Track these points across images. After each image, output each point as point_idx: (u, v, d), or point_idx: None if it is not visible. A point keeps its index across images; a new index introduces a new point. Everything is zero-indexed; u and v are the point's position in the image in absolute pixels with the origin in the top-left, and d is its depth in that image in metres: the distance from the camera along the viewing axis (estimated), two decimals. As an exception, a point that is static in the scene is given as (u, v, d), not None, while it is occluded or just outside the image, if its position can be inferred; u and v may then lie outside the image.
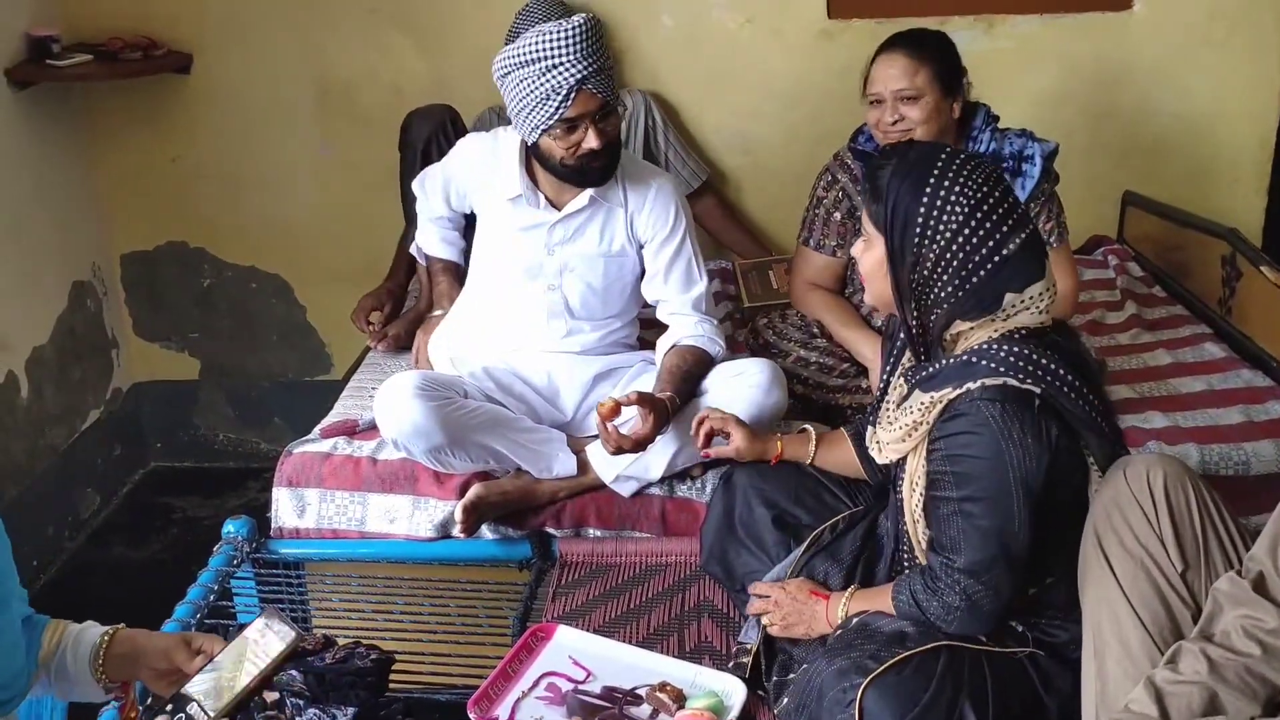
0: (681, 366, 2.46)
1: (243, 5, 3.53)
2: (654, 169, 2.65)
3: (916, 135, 2.49)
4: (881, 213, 1.75)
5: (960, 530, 1.73)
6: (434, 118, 3.03)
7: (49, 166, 3.48)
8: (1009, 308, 1.72)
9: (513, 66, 2.33)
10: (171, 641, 1.50)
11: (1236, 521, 1.73)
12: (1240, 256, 2.95)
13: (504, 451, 2.41)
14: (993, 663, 1.76)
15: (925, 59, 2.51)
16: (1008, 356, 1.70)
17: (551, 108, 2.30)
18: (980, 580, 1.73)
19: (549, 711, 1.88)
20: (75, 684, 1.52)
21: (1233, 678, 1.52)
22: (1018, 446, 1.67)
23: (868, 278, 1.84)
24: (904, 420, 1.80)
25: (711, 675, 1.95)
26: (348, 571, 2.42)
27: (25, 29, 3.33)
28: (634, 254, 2.55)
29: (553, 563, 2.37)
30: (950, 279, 1.72)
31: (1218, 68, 3.47)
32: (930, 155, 1.75)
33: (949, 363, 1.75)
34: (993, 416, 1.67)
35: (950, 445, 1.73)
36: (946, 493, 1.74)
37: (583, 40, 2.28)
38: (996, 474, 1.68)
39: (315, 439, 2.57)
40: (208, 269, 3.84)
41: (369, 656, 1.87)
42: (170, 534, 3.61)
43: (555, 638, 2.05)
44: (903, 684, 1.68)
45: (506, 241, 2.54)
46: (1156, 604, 1.67)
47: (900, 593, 1.83)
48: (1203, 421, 2.53)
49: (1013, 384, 1.68)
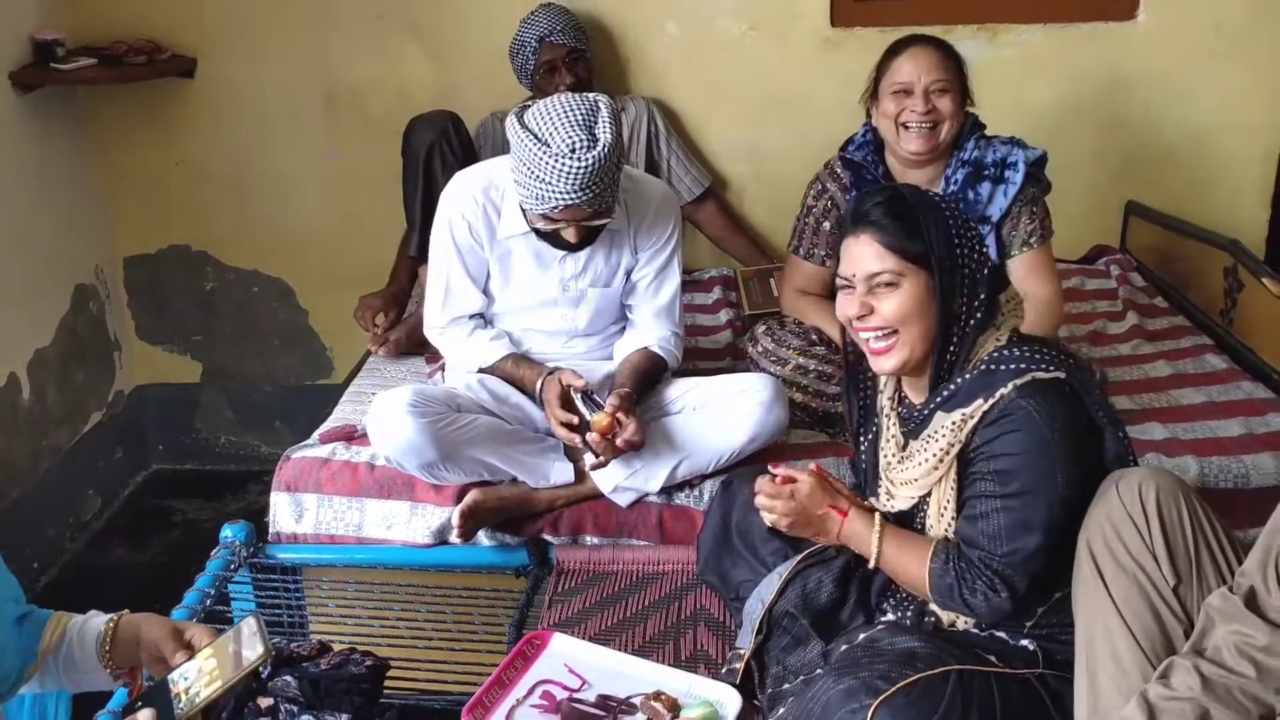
0: (644, 367, 2.50)
1: (247, 9, 3.54)
2: (652, 181, 2.65)
3: (942, 131, 2.53)
4: (924, 246, 1.75)
5: (1001, 525, 1.74)
6: (436, 125, 3.04)
7: (53, 169, 3.50)
8: (1004, 307, 1.79)
9: (515, 146, 2.26)
10: (163, 631, 1.51)
11: (1230, 535, 1.72)
12: (1242, 268, 2.95)
13: (499, 464, 2.41)
14: (1002, 684, 1.76)
15: (952, 56, 2.56)
16: (1025, 353, 1.75)
17: (538, 208, 2.28)
18: (1020, 569, 1.74)
19: None
20: (84, 673, 1.54)
21: (1225, 695, 1.51)
22: (1060, 433, 1.70)
23: (905, 319, 1.77)
24: (931, 450, 1.80)
25: (706, 684, 1.94)
26: (345, 577, 2.42)
27: (30, 32, 3.34)
28: (632, 266, 2.56)
29: (549, 570, 2.37)
30: (976, 294, 1.77)
31: (1222, 79, 3.47)
32: (910, 190, 1.85)
33: (966, 379, 1.77)
34: (1035, 410, 1.70)
35: (994, 448, 1.74)
36: (986, 489, 1.75)
37: (583, 176, 2.21)
38: (1041, 464, 1.71)
39: (314, 444, 2.58)
40: (210, 273, 3.85)
41: (364, 663, 1.88)
42: (171, 536, 3.62)
43: (551, 645, 2.04)
44: (913, 705, 1.68)
45: (518, 274, 2.52)
46: (1149, 618, 1.66)
47: (940, 560, 1.80)
48: (1202, 434, 2.53)
49: (1040, 376, 1.72)
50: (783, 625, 1.98)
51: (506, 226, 2.46)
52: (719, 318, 3.27)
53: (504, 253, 2.50)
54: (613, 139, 2.24)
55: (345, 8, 3.53)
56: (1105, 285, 3.35)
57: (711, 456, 2.43)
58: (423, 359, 3.02)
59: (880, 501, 1.93)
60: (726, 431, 2.42)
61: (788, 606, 1.98)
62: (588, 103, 2.27)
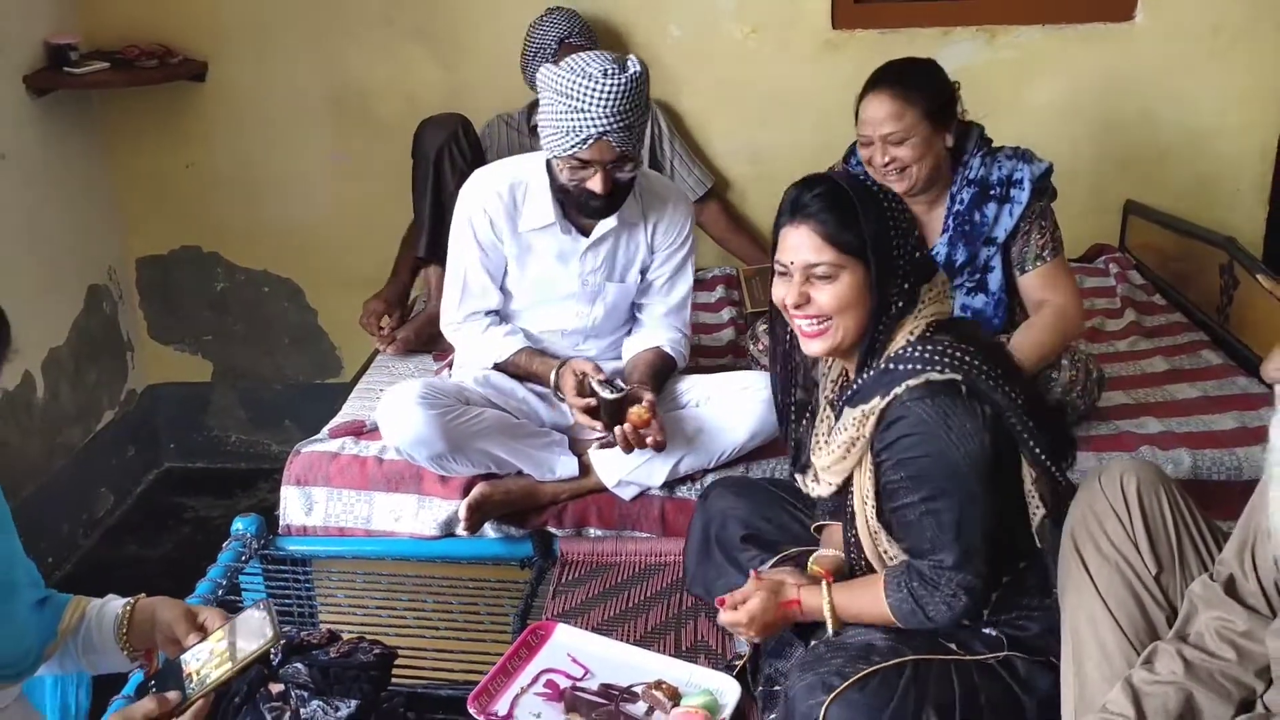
0: (658, 366, 2.56)
1: (258, 14, 3.59)
2: (668, 183, 2.70)
3: (911, 173, 2.50)
4: (859, 237, 1.77)
5: (934, 531, 1.76)
6: (446, 127, 3.08)
7: (66, 172, 3.55)
8: (924, 298, 1.80)
9: (549, 88, 2.32)
10: (177, 612, 1.56)
11: (1210, 524, 1.76)
12: (1237, 265, 2.98)
13: (505, 457, 2.46)
14: (961, 671, 1.78)
15: (912, 99, 2.47)
16: (923, 354, 1.74)
17: (570, 143, 2.32)
18: (970, 570, 1.76)
19: (547, 708, 1.92)
20: (103, 655, 1.59)
21: (1207, 678, 1.55)
22: (956, 433, 1.71)
23: (843, 308, 1.79)
24: (838, 440, 1.83)
25: (706, 674, 1.98)
26: (353, 568, 2.47)
27: (44, 37, 3.40)
28: (648, 264, 2.60)
29: (554, 561, 2.41)
30: (902, 282, 1.79)
31: (1219, 79, 3.50)
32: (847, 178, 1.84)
33: (869, 375, 1.79)
34: (925, 414, 1.71)
35: (894, 452, 1.75)
36: (907, 499, 1.77)
37: (617, 98, 2.26)
38: (947, 466, 1.72)
39: (323, 439, 2.63)
40: (221, 273, 3.91)
41: (372, 651, 1.91)
42: (182, 533, 3.67)
43: (554, 636, 2.08)
44: (865, 699, 1.70)
45: (537, 270, 2.56)
46: (1132, 606, 1.70)
47: (894, 590, 1.83)
48: (1196, 427, 2.56)
49: (935, 377, 1.72)
50: None
51: (529, 220, 2.50)
52: (721, 316, 3.32)
53: (525, 247, 2.53)
54: (642, 71, 2.31)
55: (354, 12, 3.58)
56: (1104, 283, 3.39)
57: (714, 452, 2.48)
58: (430, 356, 3.07)
59: (805, 484, 1.96)
60: (729, 428, 2.47)
61: None
62: (616, 54, 2.35)
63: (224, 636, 1.51)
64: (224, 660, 1.48)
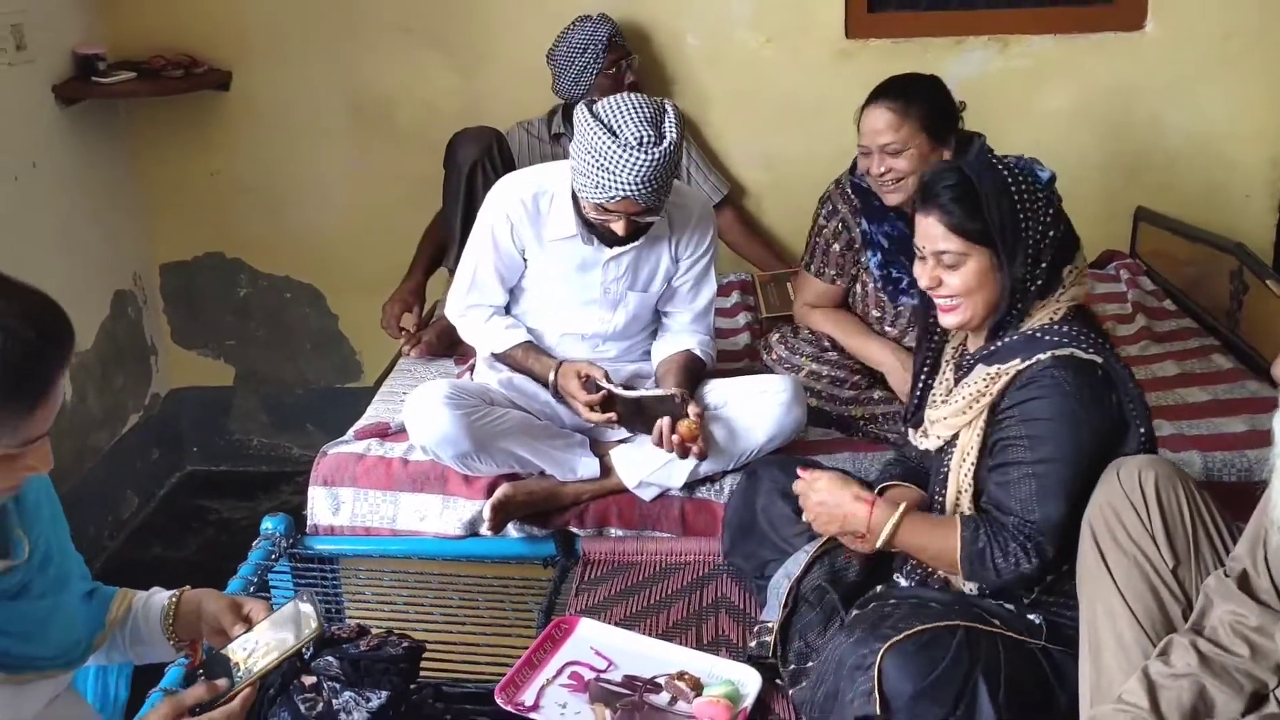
0: (691, 367, 2.60)
1: (281, 24, 3.66)
2: (691, 192, 2.73)
3: (907, 185, 2.54)
4: (984, 224, 1.85)
5: (1034, 491, 1.83)
6: (481, 141, 3.11)
7: (94, 179, 3.62)
8: (1066, 280, 1.90)
9: (584, 139, 2.32)
10: (222, 604, 1.61)
11: (1226, 520, 1.80)
12: (1247, 271, 3.02)
13: (528, 457, 2.51)
14: (1007, 646, 1.84)
15: (910, 112, 2.53)
16: (1070, 331, 1.86)
17: (597, 195, 2.35)
18: (1049, 535, 1.83)
19: (572, 699, 1.97)
20: (149, 645, 1.64)
21: (1221, 672, 1.58)
22: (1087, 409, 1.82)
23: (970, 291, 1.90)
24: (964, 394, 1.92)
25: (728, 665, 2.03)
26: (380, 566, 2.51)
27: (73, 47, 3.47)
28: (672, 273, 2.64)
29: (576, 560, 2.46)
30: (1036, 263, 1.88)
31: (1229, 87, 3.55)
32: (983, 160, 1.93)
33: (1013, 338, 1.89)
34: (1065, 379, 1.82)
35: (1024, 411, 1.85)
36: (1018, 457, 1.85)
37: (648, 171, 2.28)
38: (1070, 433, 1.82)
39: (349, 440, 2.68)
40: (244, 279, 3.97)
41: (401, 645, 1.95)
42: (206, 535, 3.72)
43: (578, 630, 2.13)
44: (921, 651, 1.77)
45: (559, 280, 2.60)
46: (1149, 599, 1.74)
47: (969, 529, 1.88)
48: (1207, 430, 2.60)
49: (1079, 354, 1.83)
50: (809, 600, 2.06)
51: (553, 230, 2.53)
52: (737, 321, 3.35)
53: (547, 254, 2.57)
54: (678, 138, 2.33)
55: (373, 22, 3.64)
56: (1115, 289, 3.43)
57: (734, 454, 2.51)
58: (452, 360, 3.11)
59: (914, 437, 2.05)
60: (748, 430, 2.51)
61: (817, 581, 2.07)
62: (655, 104, 2.35)
63: (269, 627, 1.56)
64: (270, 650, 1.53)
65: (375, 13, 3.62)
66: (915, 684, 1.75)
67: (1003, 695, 1.78)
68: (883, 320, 2.77)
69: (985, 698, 1.77)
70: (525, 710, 1.94)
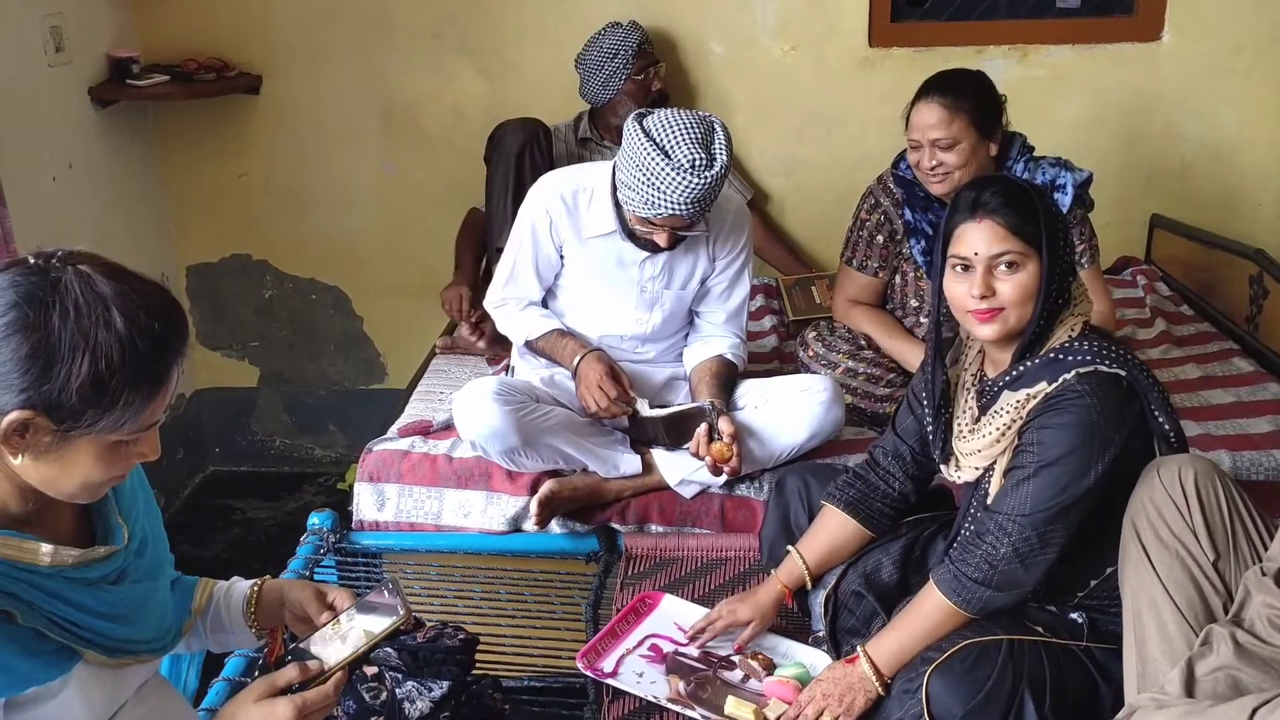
0: (725, 375, 2.65)
1: (311, 30, 3.70)
2: (728, 194, 2.73)
3: (955, 178, 2.60)
4: (1038, 227, 1.86)
5: (1030, 490, 1.83)
6: (528, 129, 3.18)
7: (126, 180, 3.65)
8: (1075, 295, 1.92)
9: (634, 154, 2.35)
10: (308, 593, 1.63)
11: (1263, 516, 1.84)
12: (1267, 276, 3.08)
13: (572, 453, 2.56)
14: (1050, 653, 1.88)
15: (960, 106, 2.59)
16: (1093, 347, 1.86)
17: (643, 210, 2.39)
18: (1036, 530, 1.82)
19: (650, 669, 2.05)
20: (231, 633, 1.67)
21: (1257, 662, 1.63)
22: (1108, 419, 1.81)
23: (1020, 300, 1.86)
24: (995, 424, 1.92)
25: (801, 648, 2.11)
26: (426, 561, 2.55)
27: (108, 50, 3.51)
28: (709, 273, 2.69)
29: (618, 556, 2.50)
30: (1066, 280, 1.90)
31: (1243, 96, 3.62)
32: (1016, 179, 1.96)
33: (1034, 363, 1.89)
34: (1088, 392, 1.81)
35: (1042, 420, 1.85)
36: (1026, 461, 1.85)
37: (699, 193, 2.33)
38: (1081, 436, 1.80)
39: (393, 438, 2.72)
40: (269, 281, 4.00)
41: (457, 636, 1.99)
42: (231, 534, 3.75)
43: (660, 605, 2.22)
44: (968, 672, 1.80)
45: (598, 277, 2.64)
46: (1191, 590, 1.78)
47: (939, 574, 1.89)
48: (1233, 430, 2.66)
49: (1103, 369, 1.84)
50: (848, 606, 2.12)
51: (592, 227, 2.58)
52: (764, 324, 3.41)
53: (587, 253, 2.62)
54: (728, 160, 2.36)
55: (402, 28, 3.69)
56: (1133, 294, 3.49)
57: (773, 452, 2.57)
58: (484, 360, 3.16)
59: (949, 472, 2.04)
60: (788, 429, 2.56)
61: (853, 586, 2.12)
62: (706, 123, 2.38)
63: (356, 614, 1.59)
64: (359, 637, 1.56)
65: (406, 19, 3.67)
66: (964, 705, 1.79)
67: (1049, 704, 1.82)
68: (920, 310, 2.84)
69: (1031, 709, 1.81)
70: (603, 676, 2.02)
